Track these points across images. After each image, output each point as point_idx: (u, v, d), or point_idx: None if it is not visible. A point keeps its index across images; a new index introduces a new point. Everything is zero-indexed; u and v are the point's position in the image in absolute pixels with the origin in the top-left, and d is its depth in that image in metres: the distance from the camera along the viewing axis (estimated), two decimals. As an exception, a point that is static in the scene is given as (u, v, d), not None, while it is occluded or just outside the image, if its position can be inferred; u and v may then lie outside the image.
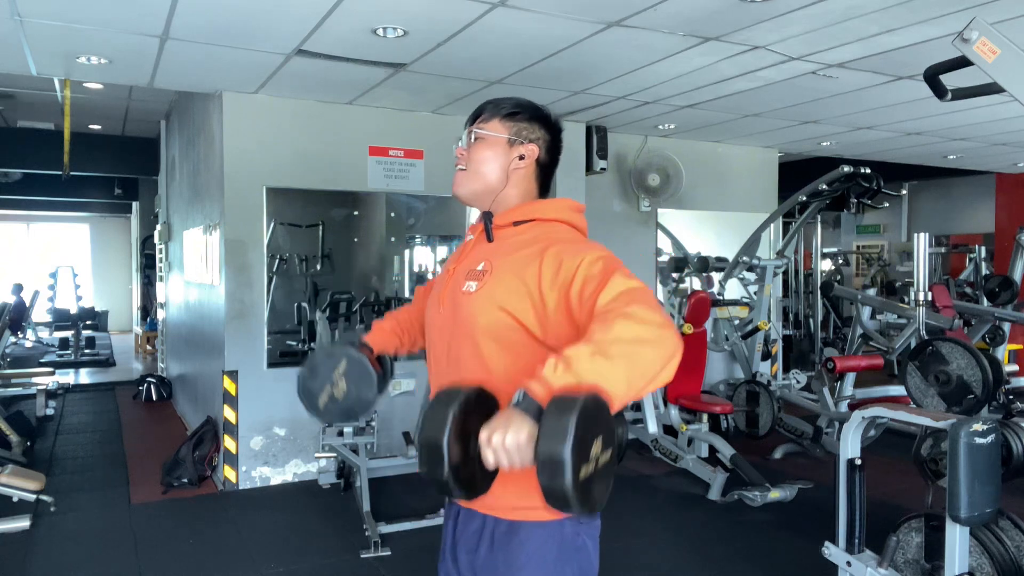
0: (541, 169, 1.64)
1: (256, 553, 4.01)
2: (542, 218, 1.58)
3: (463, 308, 1.52)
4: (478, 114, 1.64)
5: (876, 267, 12.04)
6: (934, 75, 2.72)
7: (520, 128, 1.60)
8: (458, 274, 1.58)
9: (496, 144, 1.59)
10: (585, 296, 1.36)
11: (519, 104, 1.62)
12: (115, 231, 15.53)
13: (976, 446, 2.49)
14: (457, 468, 1.21)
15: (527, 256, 1.47)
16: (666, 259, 7.27)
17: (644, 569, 3.82)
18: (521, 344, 1.45)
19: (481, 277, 1.50)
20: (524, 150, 1.60)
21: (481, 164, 1.59)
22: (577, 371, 1.17)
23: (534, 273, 1.43)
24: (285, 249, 7.66)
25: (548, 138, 1.64)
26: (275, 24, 3.64)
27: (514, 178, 1.60)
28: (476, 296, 1.49)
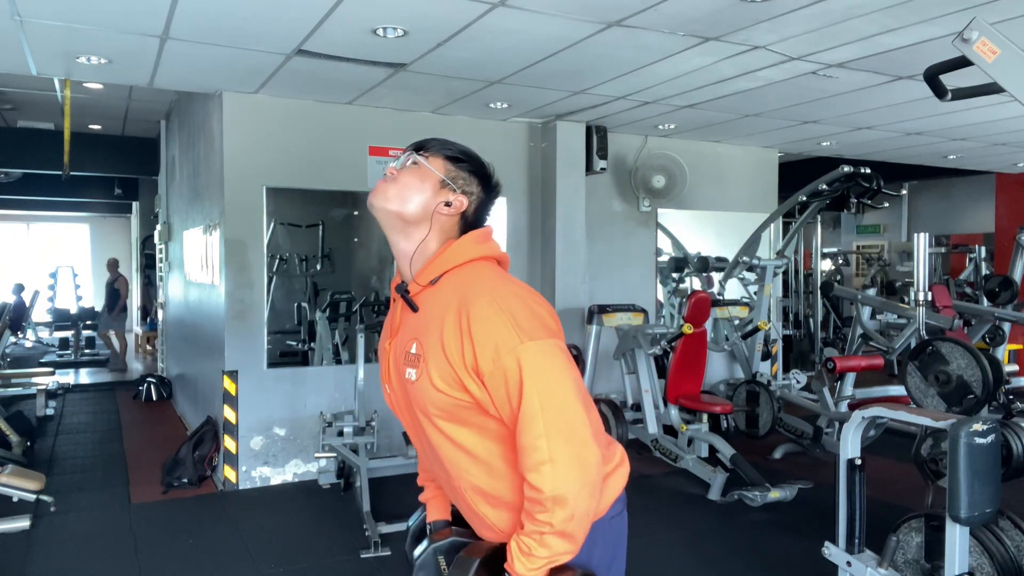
0: (465, 223, 1.57)
1: (256, 553, 4.01)
2: (453, 266, 1.52)
3: (412, 395, 1.52)
4: (422, 145, 1.59)
5: (876, 267, 12.05)
6: (934, 75, 2.72)
7: (458, 175, 1.55)
8: (396, 353, 1.56)
9: (428, 178, 1.54)
10: (510, 406, 1.40)
11: (466, 153, 1.58)
12: (115, 231, 15.54)
13: (976, 446, 2.49)
14: None
15: (449, 328, 1.43)
16: (666, 259, 7.27)
17: (644, 569, 3.82)
18: (476, 415, 1.46)
19: (417, 363, 1.48)
20: (453, 198, 1.54)
21: (405, 189, 1.54)
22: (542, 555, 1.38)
23: (457, 356, 1.41)
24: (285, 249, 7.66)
25: (483, 197, 1.59)
26: (275, 24, 3.64)
27: (435, 223, 1.54)
28: (419, 384, 1.48)
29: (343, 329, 6.89)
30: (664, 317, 7.30)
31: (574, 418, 1.39)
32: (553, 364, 1.40)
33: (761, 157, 7.27)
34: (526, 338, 1.39)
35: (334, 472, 5.15)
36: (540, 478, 1.37)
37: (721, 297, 6.86)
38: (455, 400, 1.44)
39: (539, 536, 1.38)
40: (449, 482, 1.58)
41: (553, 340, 1.43)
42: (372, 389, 5.08)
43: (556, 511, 1.36)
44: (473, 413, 1.46)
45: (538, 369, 1.38)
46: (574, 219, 5.95)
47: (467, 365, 1.41)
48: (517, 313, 1.41)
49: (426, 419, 1.51)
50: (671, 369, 5.47)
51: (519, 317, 1.41)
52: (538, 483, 1.37)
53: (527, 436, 1.38)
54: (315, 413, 5.17)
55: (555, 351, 1.42)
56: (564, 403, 1.39)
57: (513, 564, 1.40)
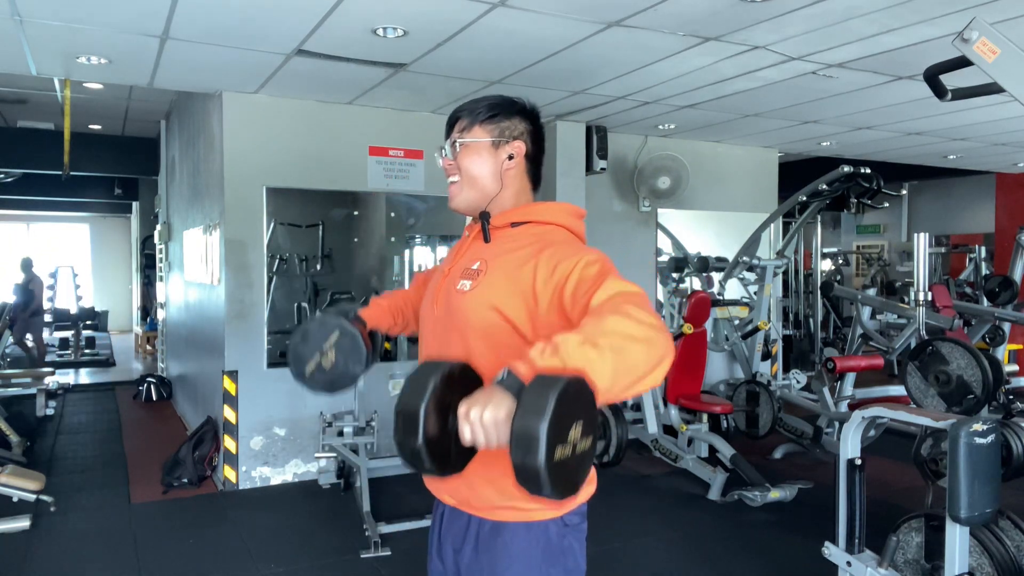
0: (530, 163, 1.62)
1: (256, 553, 4.01)
2: (540, 220, 1.57)
3: (456, 306, 1.51)
4: (455, 120, 1.61)
5: (876, 267, 12.05)
6: (934, 75, 2.72)
7: (502, 128, 1.58)
8: (453, 273, 1.58)
9: (483, 149, 1.57)
10: (579, 295, 1.35)
11: (495, 104, 1.60)
12: (115, 231, 15.54)
13: (976, 446, 2.49)
14: (432, 440, 1.19)
15: (522, 256, 1.46)
16: (666, 259, 7.27)
17: (644, 569, 3.82)
18: (511, 345, 1.44)
19: (475, 276, 1.50)
20: (511, 148, 1.58)
21: (473, 171, 1.57)
22: (564, 356, 1.14)
23: (528, 273, 1.43)
24: (285, 249, 7.66)
25: (531, 128, 1.62)
26: (275, 24, 3.64)
27: (507, 179, 1.58)
28: (470, 295, 1.48)
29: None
30: (664, 317, 7.30)
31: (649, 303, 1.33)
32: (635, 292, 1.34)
33: (761, 157, 7.27)
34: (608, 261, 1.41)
35: (334, 472, 5.15)
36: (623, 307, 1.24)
37: (721, 297, 6.86)
38: (500, 318, 1.44)
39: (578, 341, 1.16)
40: None
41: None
42: (372, 389, 5.09)
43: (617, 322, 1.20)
44: (508, 339, 1.45)
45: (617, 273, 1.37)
46: (574, 219, 5.93)
47: (537, 279, 1.41)
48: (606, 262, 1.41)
49: (459, 335, 1.50)
50: (671, 369, 5.46)
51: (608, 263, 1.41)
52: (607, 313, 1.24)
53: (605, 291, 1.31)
54: (315, 413, 5.17)
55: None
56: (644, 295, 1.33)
57: (526, 353, 1.18)
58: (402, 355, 6.23)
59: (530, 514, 1.49)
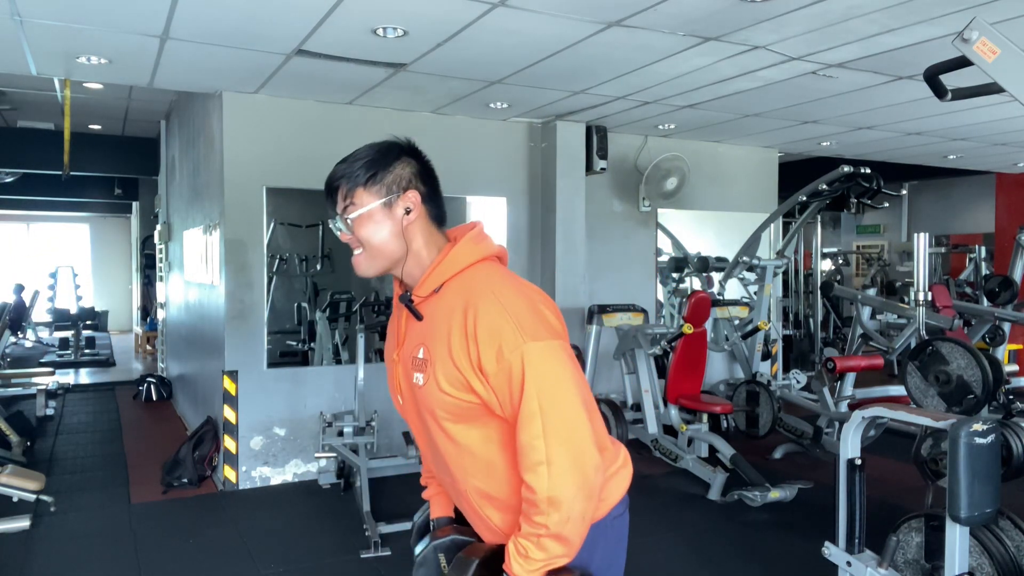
0: (430, 204, 1.53)
1: (256, 553, 4.01)
2: (455, 273, 1.49)
3: (420, 400, 1.52)
4: (334, 190, 1.53)
5: (876, 267, 12.04)
6: (934, 75, 2.72)
7: (387, 184, 1.49)
8: (404, 361, 1.56)
9: (376, 214, 1.49)
10: (511, 405, 1.40)
11: (370, 161, 1.50)
12: (115, 231, 15.53)
13: (976, 446, 2.49)
14: None
15: (455, 332, 1.42)
16: (666, 259, 7.27)
17: (644, 569, 3.82)
18: (483, 417, 1.46)
19: (424, 368, 1.48)
20: (405, 202, 1.50)
21: (374, 241, 1.50)
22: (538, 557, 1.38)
23: (464, 358, 1.41)
24: (285, 249, 7.66)
25: (417, 168, 1.53)
26: (275, 24, 3.64)
27: (410, 234, 1.50)
28: (426, 388, 1.48)
29: (343, 329, 6.89)
30: (664, 317, 7.30)
31: (574, 421, 1.39)
32: (555, 366, 1.40)
33: (761, 157, 7.27)
34: (529, 338, 1.38)
35: (334, 472, 5.15)
36: (536, 479, 1.37)
37: (721, 297, 6.86)
38: (461, 402, 1.44)
39: (535, 539, 1.38)
40: (454, 486, 1.58)
41: (557, 341, 1.42)
42: (372, 389, 5.08)
43: (551, 513, 1.36)
44: (480, 414, 1.46)
45: (540, 370, 1.38)
46: (574, 219, 5.95)
47: (473, 365, 1.40)
48: (521, 313, 1.40)
49: (433, 422, 1.51)
50: (671, 369, 5.47)
51: (522, 317, 1.40)
52: (534, 484, 1.37)
53: (525, 435, 1.38)
54: (315, 413, 5.17)
55: (558, 352, 1.41)
56: (564, 405, 1.39)
57: (511, 565, 1.40)
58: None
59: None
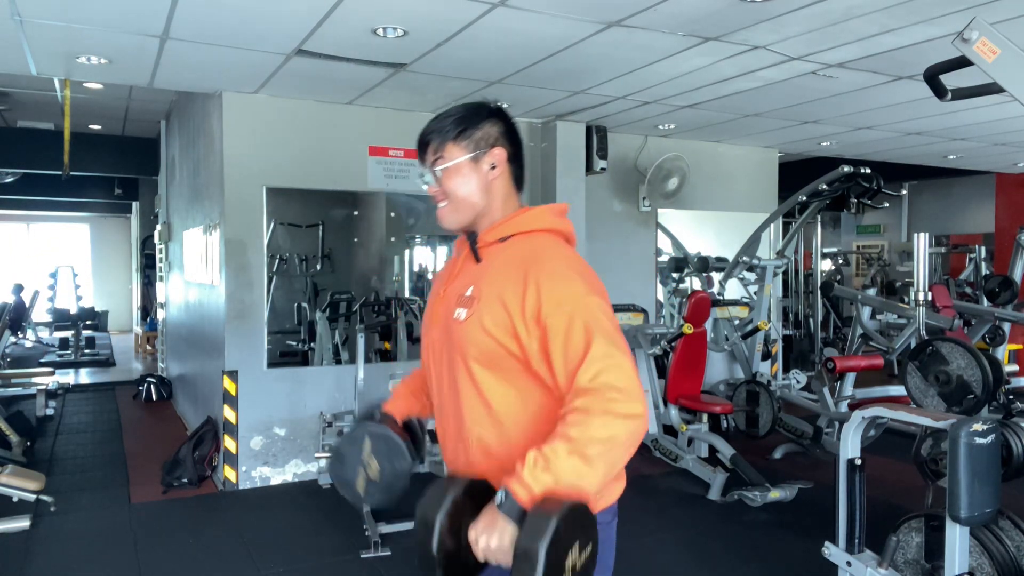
0: (513, 164, 1.60)
1: (256, 553, 4.01)
2: (525, 231, 1.55)
3: (455, 336, 1.52)
4: (426, 144, 1.59)
5: (876, 267, 12.04)
6: (934, 75, 2.72)
7: (476, 140, 1.56)
8: (448, 297, 1.57)
9: (463, 168, 1.55)
10: (569, 361, 1.38)
11: (461, 117, 1.57)
12: (115, 231, 15.53)
13: (976, 446, 2.49)
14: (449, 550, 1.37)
15: (512, 280, 1.45)
16: (666, 259, 7.27)
17: (644, 569, 3.82)
18: (512, 370, 1.47)
19: (470, 304, 1.49)
20: (491, 158, 1.56)
21: (459, 192, 1.56)
22: (556, 471, 1.28)
23: (516, 302, 1.43)
24: (285, 249, 7.66)
25: (505, 129, 1.59)
26: (275, 24, 3.64)
27: (493, 189, 1.57)
28: (466, 324, 1.49)
29: (343, 329, 6.88)
30: (664, 317, 7.30)
31: (630, 370, 1.38)
32: (615, 327, 1.42)
33: (761, 157, 7.27)
34: (594, 293, 1.43)
35: (334, 472, 5.14)
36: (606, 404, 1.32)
37: (721, 297, 6.86)
38: (498, 346, 1.45)
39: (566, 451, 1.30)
40: (459, 432, 1.56)
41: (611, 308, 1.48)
42: (372, 389, 5.08)
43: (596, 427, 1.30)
44: (511, 366, 1.46)
45: (603, 323, 1.40)
46: (574, 219, 5.86)
47: (526, 312, 1.42)
48: (585, 274, 1.47)
49: (462, 363, 1.51)
50: (671, 369, 5.47)
51: (586, 277, 1.47)
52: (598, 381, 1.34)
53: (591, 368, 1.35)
54: (315, 413, 5.17)
55: (614, 317, 1.45)
56: (626, 360, 1.38)
57: (519, 472, 1.32)
58: (402, 355, 6.24)
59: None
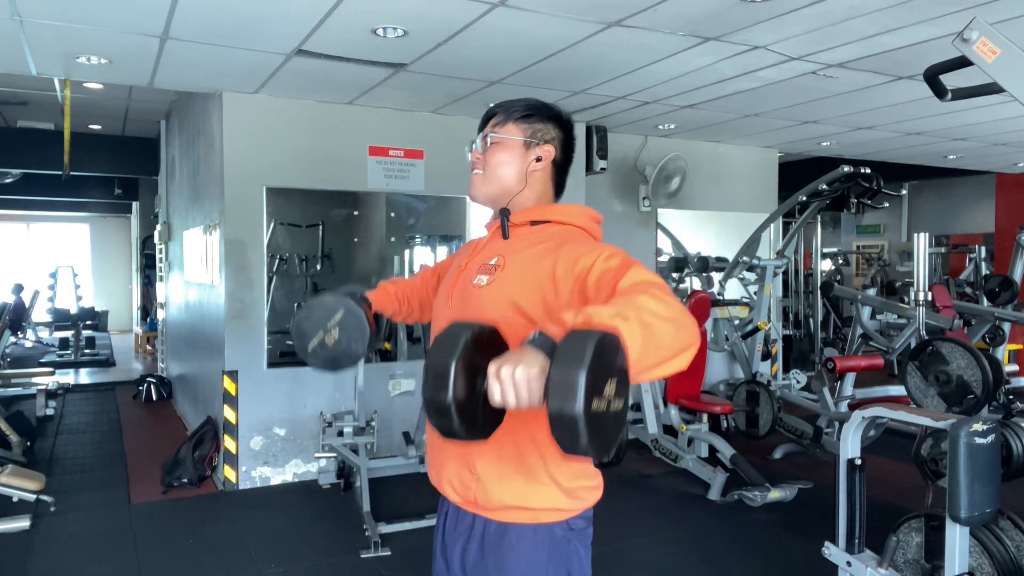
0: (557, 169, 1.64)
1: (256, 553, 4.01)
2: (559, 221, 1.58)
3: (472, 301, 1.51)
4: (490, 116, 1.63)
5: (876, 267, 12.04)
6: (934, 75, 2.72)
7: (535, 129, 1.60)
8: (470, 268, 1.58)
9: (513, 147, 1.59)
10: (604, 284, 1.33)
11: (532, 105, 1.61)
12: (115, 231, 15.53)
13: (976, 446, 2.49)
14: (461, 401, 1.17)
15: (541, 251, 1.47)
16: (666, 259, 7.27)
17: (644, 569, 3.82)
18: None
19: (493, 271, 1.50)
20: (541, 151, 1.60)
21: (498, 167, 1.59)
22: (596, 322, 1.12)
23: (548, 266, 1.43)
24: (285, 249, 7.65)
25: (563, 137, 1.63)
26: (275, 24, 3.64)
27: (531, 180, 1.60)
28: (486, 289, 1.49)
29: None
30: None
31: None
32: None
33: (761, 157, 7.27)
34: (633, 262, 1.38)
35: (334, 472, 5.15)
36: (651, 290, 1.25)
37: (721, 297, 6.86)
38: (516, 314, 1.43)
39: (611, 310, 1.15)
40: None
41: None
42: (372, 389, 5.08)
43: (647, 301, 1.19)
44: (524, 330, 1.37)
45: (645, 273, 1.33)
46: (574, 219, 5.93)
47: (557, 272, 1.40)
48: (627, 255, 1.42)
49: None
50: (671, 369, 5.46)
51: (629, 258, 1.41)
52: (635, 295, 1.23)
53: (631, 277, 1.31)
54: (315, 413, 5.17)
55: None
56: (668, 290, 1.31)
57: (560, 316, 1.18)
58: (402, 355, 6.23)
59: (537, 516, 1.49)
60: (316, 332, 1.65)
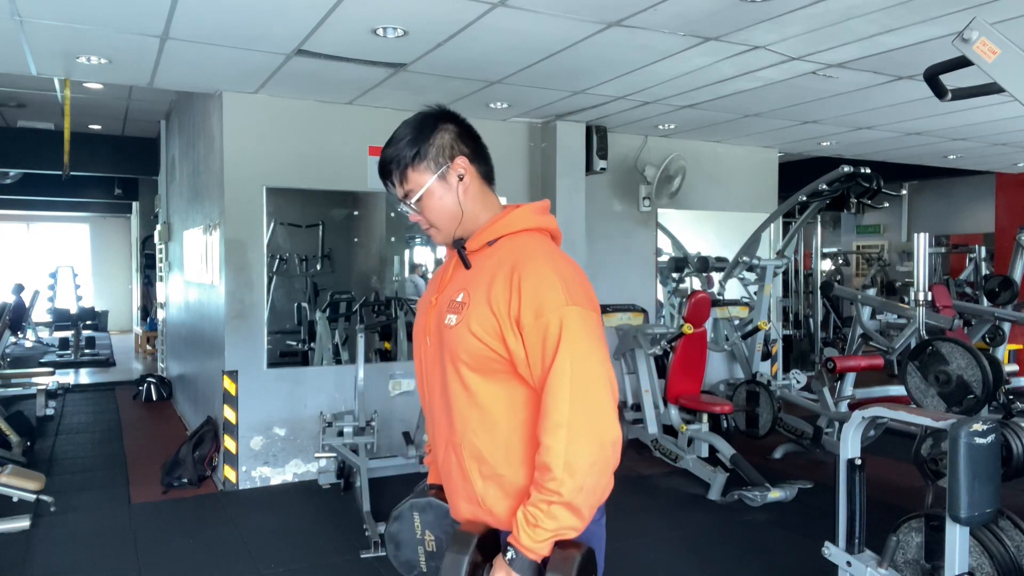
0: (479, 162, 1.59)
1: (256, 553, 4.01)
2: (511, 232, 1.55)
3: (446, 341, 1.53)
4: (388, 174, 1.58)
5: (876, 267, 12.05)
6: (934, 75, 2.72)
7: (433, 157, 1.54)
8: (440, 305, 1.58)
9: (433, 188, 1.54)
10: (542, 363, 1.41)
11: (412, 139, 1.55)
12: (115, 231, 15.54)
13: (976, 446, 2.49)
14: None
15: (500, 284, 1.46)
16: (666, 259, 7.27)
17: (644, 569, 3.82)
18: (502, 373, 1.47)
19: (460, 309, 1.50)
20: (456, 169, 1.55)
21: (439, 212, 1.56)
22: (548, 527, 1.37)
23: (504, 307, 1.43)
24: (285, 249, 7.65)
25: (457, 131, 1.58)
26: (275, 24, 3.64)
27: (467, 198, 1.56)
28: (457, 329, 1.49)
29: (343, 329, 6.88)
30: (664, 317, 7.30)
31: (600, 391, 1.40)
32: (591, 334, 1.43)
33: (761, 157, 7.27)
34: (572, 302, 1.41)
35: (334, 472, 5.15)
36: (555, 441, 1.37)
37: (721, 297, 6.86)
38: (488, 350, 1.45)
39: (546, 506, 1.37)
40: (451, 439, 1.56)
41: (595, 313, 1.46)
42: (372, 389, 5.08)
43: (566, 480, 1.35)
44: (501, 369, 1.46)
45: (577, 334, 1.40)
46: (574, 219, 5.95)
47: (511, 316, 1.43)
48: (568, 278, 1.45)
49: (453, 368, 1.51)
50: (671, 369, 5.47)
51: (569, 282, 1.45)
52: (552, 445, 1.37)
53: (551, 396, 1.39)
54: (315, 413, 5.17)
55: (595, 323, 1.45)
56: (594, 373, 1.40)
57: (518, 535, 1.39)
58: (402, 355, 6.23)
59: None
60: (417, 553, 1.65)
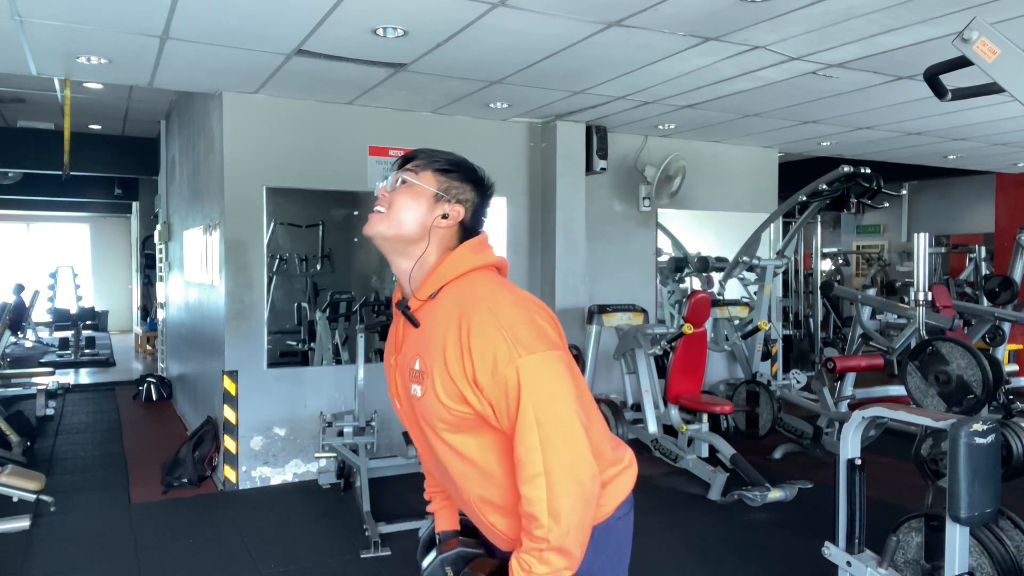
0: (464, 231, 1.55)
1: (256, 553, 4.01)
2: (451, 279, 1.50)
3: (419, 411, 1.52)
4: (409, 159, 1.57)
5: (876, 267, 12.05)
6: (934, 75, 2.72)
7: (451, 185, 1.53)
8: (401, 370, 1.56)
9: (421, 195, 1.52)
10: (508, 417, 1.40)
11: (455, 162, 1.55)
12: (115, 231, 15.54)
13: (976, 446, 2.49)
14: None
15: (450, 343, 1.43)
16: (666, 259, 7.27)
17: (644, 569, 3.81)
18: (479, 426, 1.47)
19: (422, 379, 1.48)
20: (449, 209, 1.52)
21: (401, 211, 1.51)
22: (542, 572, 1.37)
23: (459, 370, 1.41)
24: (285, 249, 7.65)
25: (477, 201, 1.57)
26: (275, 24, 3.64)
27: (434, 236, 1.52)
28: (424, 400, 1.48)
29: (343, 329, 6.88)
30: (664, 317, 7.30)
31: (570, 432, 1.39)
32: (551, 378, 1.39)
33: (761, 157, 7.27)
34: (524, 351, 1.38)
35: (334, 472, 5.15)
36: (535, 491, 1.37)
37: (721, 297, 6.86)
38: (459, 414, 1.44)
39: (538, 553, 1.37)
40: (458, 494, 1.59)
41: (553, 352, 1.42)
42: (372, 389, 5.08)
43: (552, 527, 1.36)
44: (476, 424, 1.46)
45: (535, 383, 1.37)
46: (574, 219, 5.95)
47: (469, 379, 1.40)
48: (516, 326, 1.40)
49: (433, 433, 1.51)
50: (671, 369, 5.47)
51: (517, 330, 1.40)
52: (533, 496, 1.37)
53: (522, 448, 1.38)
54: (315, 413, 5.17)
55: (554, 363, 1.41)
56: (560, 416, 1.38)
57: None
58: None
59: None
60: None
